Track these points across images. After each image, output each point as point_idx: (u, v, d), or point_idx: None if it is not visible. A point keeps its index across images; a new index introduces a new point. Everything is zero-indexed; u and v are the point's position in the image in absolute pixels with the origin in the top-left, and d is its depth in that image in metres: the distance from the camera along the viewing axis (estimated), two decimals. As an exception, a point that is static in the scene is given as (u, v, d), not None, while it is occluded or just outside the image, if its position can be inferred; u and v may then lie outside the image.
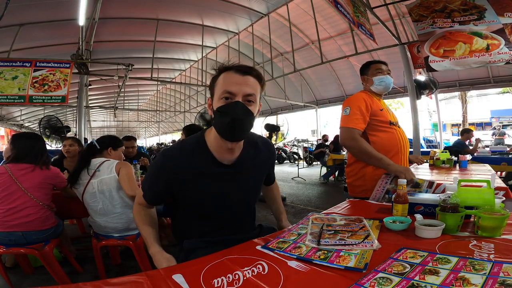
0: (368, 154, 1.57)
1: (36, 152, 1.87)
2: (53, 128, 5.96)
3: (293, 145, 13.52)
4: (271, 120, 6.72)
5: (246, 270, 0.73)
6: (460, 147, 4.76)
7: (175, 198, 1.04)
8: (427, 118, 14.66)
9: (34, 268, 2.18)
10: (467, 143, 5.07)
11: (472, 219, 1.05)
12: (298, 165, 8.72)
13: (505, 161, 4.38)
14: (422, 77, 6.23)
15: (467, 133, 5.01)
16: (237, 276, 0.70)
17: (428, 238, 0.91)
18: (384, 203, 1.40)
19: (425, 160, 2.77)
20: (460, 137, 5.14)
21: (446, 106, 16.45)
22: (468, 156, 4.17)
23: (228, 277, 0.70)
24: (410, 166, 3.20)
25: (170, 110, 18.66)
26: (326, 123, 18.42)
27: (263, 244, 0.90)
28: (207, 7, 7.36)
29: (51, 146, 5.97)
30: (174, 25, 8.01)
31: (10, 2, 3.17)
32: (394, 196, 1.17)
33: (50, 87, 4.83)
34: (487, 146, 5.99)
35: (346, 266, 0.72)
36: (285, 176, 7.88)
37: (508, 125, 14.55)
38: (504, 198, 1.17)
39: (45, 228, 1.83)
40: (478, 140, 4.93)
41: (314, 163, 10.84)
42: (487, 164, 3.46)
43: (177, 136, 23.09)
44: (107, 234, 1.93)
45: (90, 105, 13.33)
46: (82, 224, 3.14)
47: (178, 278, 0.70)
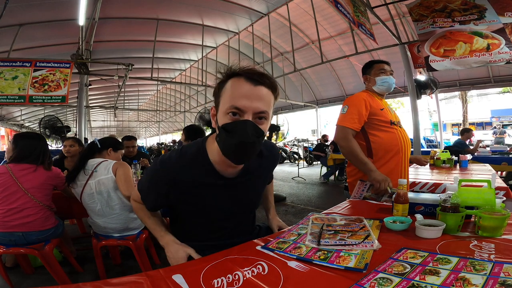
0: (355, 156, 1.59)
1: (38, 152, 1.87)
2: (53, 128, 5.97)
3: (293, 144, 13.51)
4: (271, 120, 6.71)
5: (246, 270, 0.73)
6: (461, 146, 4.76)
7: (173, 206, 1.02)
8: (428, 117, 14.64)
9: (34, 268, 2.18)
10: (467, 142, 5.07)
11: (472, 219, 1.05)
12: (298, 164, 8.71)
13: (505, 160, 4.38)
14: (422, 76, 6.23)
15: (467, 132, 5.01)
16: (237, 276, 0.70)
17: (428, 238, 0.91)
18: None
19: (428, 161, 2.76)
20: (460, 136, 5.14)
21: (446, 106, 16.45)
22: (469, 156, 4.17)
23: (228, 277, 0.70)
24: (411, 165, 3.20)
25: (170, 110, 18.66)
26: (326, 123, 18.42)
27: (263, 244, 0.90)
28: (207, 7, 7.36)
29: (51, 146, 5.98)
30: (174, 25, 8.01)
31: (9, 2, 3.17)
32: (394, 196, 1.17)
33: (50, 87, 4.83)
34: (487, 146, 5.98)
35: (346, 267, 0.72)
36: (285, 176, 7.88)
37: (508, 124, 14.55)
38: (504, 198, 1.16)
39: (45, 228, 1.83)
40: (479, 141, 4.93)
41: (314, 163, 10.83)
42: (488, 164, 3.46)
43: (177, 136, 23.09)
44: (107, 234, 1.93)
45: (90, 105, 13.33)
46: (82, 224, 3.14)
47: (178, 279, 0.70)
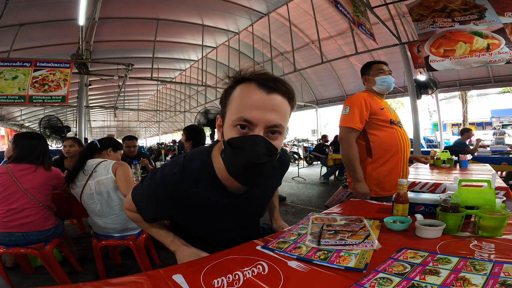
0: (350, 161, 1.63)
1: (38, 152, 1.86)
2: (53, 128, 5.97)
3: (293, 144, 13.50)
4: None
5: (246, 270, 0.73)
6: (461, 146, 4.76)
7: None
8: (427, 117, 14.66)
9: (34, 268, 2.18)
10: (467, 142, 5.07)
11: (472, 219, 1.05)
12: (298, 164, 8.70)
13: (505, 160, 4.38)
14: (422, 76, 6.23)
15: (467, 132, 5.01)
16: (237, 276, 0.70)
17: (428, 238, 0.91)
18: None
19: (430, 160, 2.77)
20: (460, 137, 5.14)
21: (446, 106, 16.45)
22: (469, 156, 4.17)
23: (228, 277, 0.70)
24: (412, 165, 3.20)
25: (170, 110, 18.66)
26: (326, 123, 18.43)
27: (263, 244, 0.90)
28: (207, 7, 7.36)
29: (51, 146, 5.98)
30: (174, 25, 8.02)
31: (9, 2, 3.17)
32: (394, 196, 1.17)
33: (50, 87, 4.83)
34: (487, 146, 5.98)
35: (346, 266, 0.72)
36: (285, 176, 7.87)
37: (508, 124, 14.55)
38: (504, 198, 1.16)
39: (45, 228, 1.83)
40: (478, 140, 4.93)
41: (314, 163, 10.83)
42: (488, 164, 3.46)
43: (177, 136, 23.09)
44: (107, 234, 1.93)
45: (90, 105, 13.34)
46: (82, 224, 3.14)
47: (178, 278, 0.70)
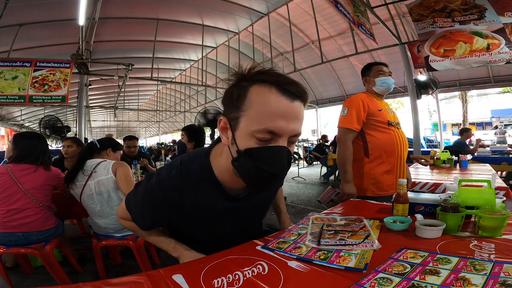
0: (343, 162, 1.69)
1: (38, 152, 1.86)
2: (53, 128, 5.97)
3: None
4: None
5: (246, 270, 0.73)
6: (461, 146, 4.75)
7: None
8: (428, 117, 14.66)
9: (34, 268, 2.18)
10: (467, 142, 5.06)
11: (472, 219, 1.05)
12: (298, 164, 8.70)
13: (505, 160, 4.38)
14: (422, 76, 6.23)
15: (466, 132, 5.00)
16: (237, 276, 0.70)
17: (428, 238, 0.91)
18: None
19: (429, 161, 2.77)
20: (459, 137, 5.14)
21: (447, 106, 16.45)
22: (469, 156, 4.17)
23: (228, 277, 0.70)
24: (412, 165, 3.20)
25: (170, 110, 18.66)
26: (326, 123, 18.43)
27: (263, 244, 0.90)
28: (207, 7, 7.36)
29: (51, 146, 5.98)
30: (174, 25, 8.01)
31: (9, 2, 3.17)
32: (394, 196, 1.18)
33: (50, 87, 4.83)
34: (487, 146, 5.98)
35: (346, 266, 0.72)
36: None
37: (509, 124, 14.55)
38: (504, 198, 1.16)
39: (45, 228, 1.83)
40: (478, 140, 4.92)
41: (314, 163, 10.83)
42: (488, 164, 3.46)
43: (177, 136, 23.09)
44: (107, 234, 1.93)
45: (90, 105, 13.34)
46: (82, 224, 3.14)
47: (178, 278, 0.70)
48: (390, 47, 6.10)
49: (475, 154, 4.74)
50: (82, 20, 4.99)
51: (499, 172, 4.55)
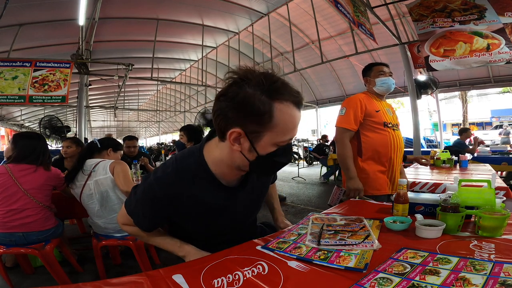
0: (343, 160, 1.73)
1: (38, 152, 1.86)
2: (53, 128, 5.97)
3: (293, 144, 13.51)
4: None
5: (246, 270, 0.73)
6: (460, 147, 4.75)
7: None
8: (427, 117, 14.66)
9: (34, 268, 2.18)
10: (467, 142, 5.05)
11: (472, 219, 1.05)
12: (298, 164, 8.70)
13: (505, 160, 4.38)
14: (422, 76, 6.23)
15: (465, 132, 4.99)
16: (237, 276, 0.70)
17: (428, 238, 0.91)
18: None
19: (429, 161, 2.77)
20: (459, 137, 5.13)
21: (446, 106, 16.45)
22: (469, 156, 4.16)
23: (228, 277, 0.70)
24: (412, 165, 3.20)
25: (170, 110, 18.66)
26: (326, 123, 18.41)
27: (263, 244, 0.90)
28: (207, 7, 7.36)
29: (51, 146, 5.98)
30: (174, 25, 8.01)
31: (9, 2, 3.17)
32: (394, 196, 1.17)
33: (50, 87, 4.83)
34: (487, 146, 5.98)
35: (346, 266, 0.72)
36: (285, 175, 7.87)
37: (509, 124, 14.53)
38: (504, 198, 1.17)
39: (45, 228, 1.83)
40: (476, 138, 4.90)
41: (314, 163, 10.83)
42: (488, 164, 3.46)
43: (176, 136, 23.06)
44: (107, 234, 1.93)
45: (90, 105, 13.33)
46: (82, 224, 3.14)
47: (178, 279, 0.70)
48: (390, 47, 6.10)
49: (475, 154, 4.73)
50: (82, 20, 4.99)
51: (499, 172, 4.55)
